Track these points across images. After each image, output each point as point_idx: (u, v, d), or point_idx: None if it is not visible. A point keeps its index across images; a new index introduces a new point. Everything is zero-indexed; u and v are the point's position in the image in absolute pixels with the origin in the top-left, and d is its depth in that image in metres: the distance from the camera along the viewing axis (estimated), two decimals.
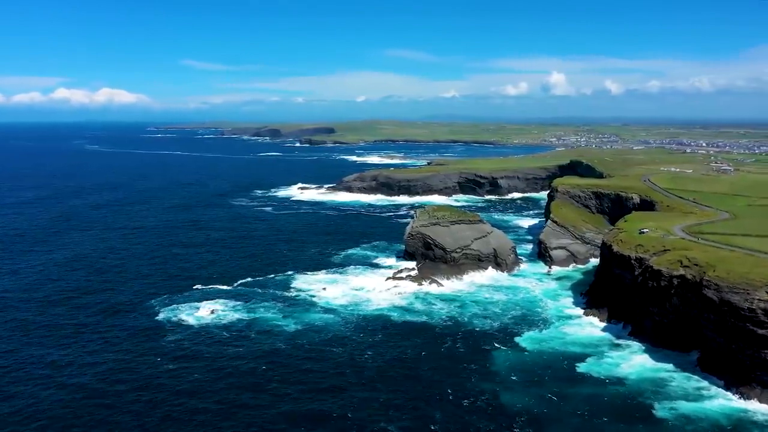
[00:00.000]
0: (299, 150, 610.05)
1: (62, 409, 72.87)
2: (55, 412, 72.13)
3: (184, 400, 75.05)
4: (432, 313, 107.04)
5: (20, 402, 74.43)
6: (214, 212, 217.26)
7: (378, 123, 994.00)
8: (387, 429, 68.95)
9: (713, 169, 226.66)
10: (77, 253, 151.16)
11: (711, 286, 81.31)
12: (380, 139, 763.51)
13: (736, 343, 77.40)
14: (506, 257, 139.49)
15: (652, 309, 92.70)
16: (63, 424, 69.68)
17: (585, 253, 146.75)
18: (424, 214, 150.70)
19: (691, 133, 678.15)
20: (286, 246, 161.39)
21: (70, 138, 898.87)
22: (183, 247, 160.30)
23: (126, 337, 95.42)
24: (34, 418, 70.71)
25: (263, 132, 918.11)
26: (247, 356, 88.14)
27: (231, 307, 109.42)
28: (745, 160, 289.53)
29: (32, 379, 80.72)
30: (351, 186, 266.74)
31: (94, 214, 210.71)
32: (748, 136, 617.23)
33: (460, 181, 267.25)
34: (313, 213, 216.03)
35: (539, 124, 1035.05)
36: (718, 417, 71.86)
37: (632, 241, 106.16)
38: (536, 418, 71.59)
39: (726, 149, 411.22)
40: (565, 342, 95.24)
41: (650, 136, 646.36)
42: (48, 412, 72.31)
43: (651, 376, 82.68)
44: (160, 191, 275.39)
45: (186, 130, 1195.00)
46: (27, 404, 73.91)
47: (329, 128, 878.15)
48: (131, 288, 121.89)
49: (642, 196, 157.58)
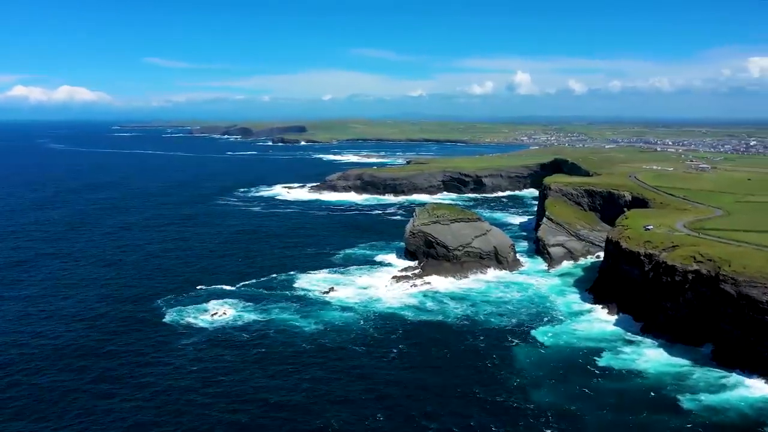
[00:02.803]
0: (274, 149, 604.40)
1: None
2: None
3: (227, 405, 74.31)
4: (446, 311, 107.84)
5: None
6: (203, 212, 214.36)
7: (348, 122, 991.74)
8: (429, 427, 69.43)
9: (692, 167, 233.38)
10: (71, 253, 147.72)
11: (728, 280, 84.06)
12: (352, 138, 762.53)
13: (755, 335, 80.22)
14: (507, 255, 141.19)
15: (665, 304, 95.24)
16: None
17: (581, 249, 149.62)
18: (423, 212, 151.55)
19: (655, 132, 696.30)
20: (283, 246, 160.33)
21: (32, 137, 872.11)
22: (178, 248, 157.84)
23: (142, 346, 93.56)
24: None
25: (233, 131, 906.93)
26: (274, 358, 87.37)
27: (242, 308, 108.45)
28: (715, 158, 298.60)
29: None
30: (336, 185, 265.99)
31: (77, 219, 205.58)
32: (709, 135, 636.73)
33: (445, 179, 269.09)
34: (303, 212, 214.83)
35: (506, 123, 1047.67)
36: (742, 407, 74.35)
37: (640, 238, 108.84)
38: (569, 412, 72.93)
39: (692, 147, 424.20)
40: (579, 337, 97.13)
41: (617, 135, 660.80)
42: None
43: (669, 369, 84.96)
44: (142, 191, 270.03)
45: (152, 128, 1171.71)
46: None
47: (301, 127, 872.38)
48: (134, 289, 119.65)
49: (634, 193, 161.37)
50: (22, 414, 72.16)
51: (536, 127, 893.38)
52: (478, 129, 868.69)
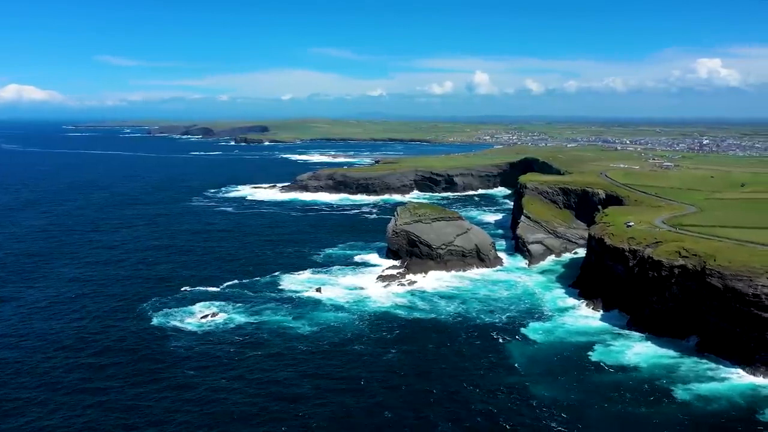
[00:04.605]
0: (238, 149, 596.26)
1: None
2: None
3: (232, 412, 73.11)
4: (438, 309, 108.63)
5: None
6: (174, 213, 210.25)
7: (311, 121, 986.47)
8: (438, 423, 69.98)
9: (656, 165, 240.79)
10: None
11: (714, 274, 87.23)
12: (316, 137, 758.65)
13: (741, 326, 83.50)
14: (488, 252, 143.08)
15: (651, 298, 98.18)
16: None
17: (559, 246, 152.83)
18: (405, 211, 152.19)
19: (613, 132, 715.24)
20: (262, 246, 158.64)
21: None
22: (154, 249, 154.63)
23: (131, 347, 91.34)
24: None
25: (194, 130, 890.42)
26: (270, 362, 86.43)
27: (232, 310, 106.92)
28: (674, 156, 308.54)
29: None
30: (308, 185, 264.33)
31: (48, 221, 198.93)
32: (663, 134, 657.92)
33: (417, 179, 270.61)
34: (278, 213, 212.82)
35: (468, 123, 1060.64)
36: (732, 395, 77.38)
37: (623, 235, 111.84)
38: (571, 406, 74.43)
39: (650, 146, 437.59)
40: (569, 332, 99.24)
41: (576, 134, 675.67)
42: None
43: (659, 361, 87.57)
44: (109, 193, 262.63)
45: (108, 128, 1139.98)
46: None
47: (263, 126, 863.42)
48: (117, 293, 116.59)
49: (607, 191, 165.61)
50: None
51: (498, 126, 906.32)
52: (441, 128, 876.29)
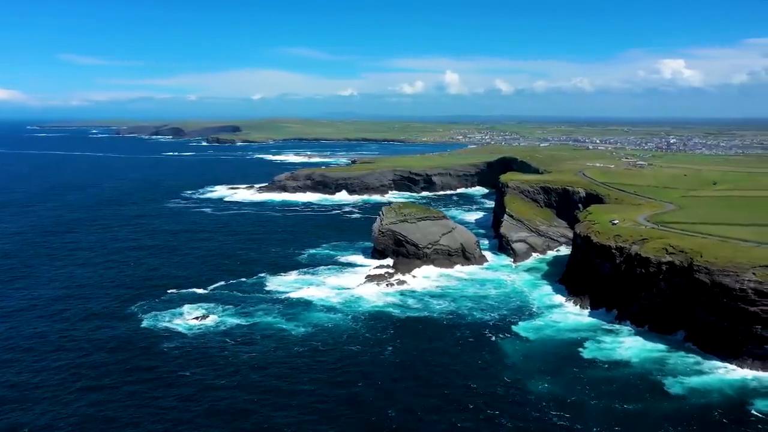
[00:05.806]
0: (211, 149, 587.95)
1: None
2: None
3: None
4: (430, 308, 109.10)
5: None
6: (153, 214, 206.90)
7: (282, 121, 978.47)
8: (439, 422, 70.31)
9: (630, 164, 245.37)
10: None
11: (702, 270, 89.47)
12: (288, 137, 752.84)
13: (729, 320, 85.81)
14: (473, 251, 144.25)
15: (639, 294, 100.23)
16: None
17: (542, 245, 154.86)
18: (390, 211, 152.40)
19: (582, 131, 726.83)
20: (246, 247, 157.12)
21: None
22: (136, 249, 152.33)
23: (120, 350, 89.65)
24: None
25: (164, 131, 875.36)
26: (266, 363, 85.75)
27: (222, 312, 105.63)
28: (644, 155, 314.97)
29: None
30: (286, 185, 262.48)
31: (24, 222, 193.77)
32: (631, 133, 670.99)
33: (395, 178, 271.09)
34: (259, 213, 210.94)
35: (439, 123, 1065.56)
36: (723, 387, 79.56)
37: (609, 232, 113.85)
38: (569, 402, 75.48)
39: (619, 145, 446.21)
40: (559, 329, 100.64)
41: (547, 134, 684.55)
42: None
43: (649, 356, 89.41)
44: (83, 194, 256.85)
45: (75, 128, 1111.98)
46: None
47: (235, 126, 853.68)
48: (102, 295, 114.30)
49: (588, 190, 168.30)
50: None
51: (470, 126, 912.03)
52: (413, 128, 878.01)
